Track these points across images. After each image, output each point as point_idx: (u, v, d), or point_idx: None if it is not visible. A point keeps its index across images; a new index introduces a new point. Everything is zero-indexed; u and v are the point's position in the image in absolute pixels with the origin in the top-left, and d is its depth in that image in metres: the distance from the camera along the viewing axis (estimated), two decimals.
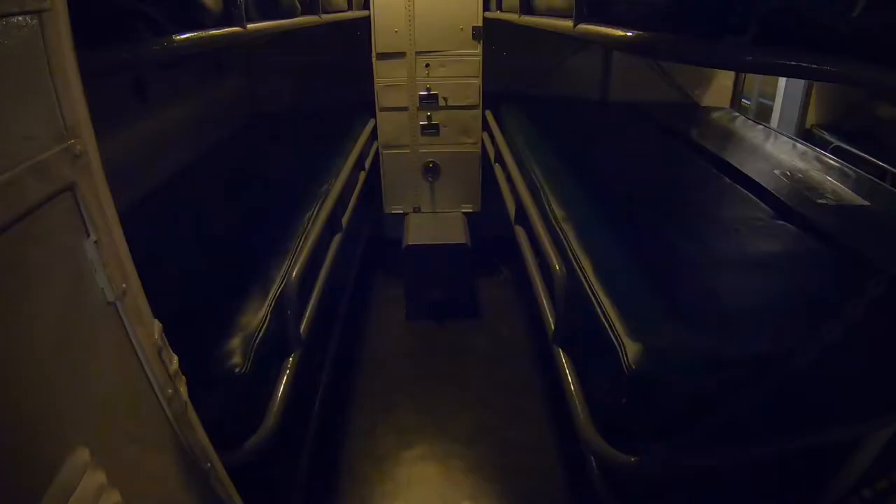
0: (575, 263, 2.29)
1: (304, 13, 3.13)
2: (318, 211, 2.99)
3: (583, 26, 1.87)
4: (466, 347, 4.50)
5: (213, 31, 1.82)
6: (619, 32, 1.53)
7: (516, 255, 3.30)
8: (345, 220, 3.44)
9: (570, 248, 2.41)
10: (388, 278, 5.32)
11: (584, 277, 2.17)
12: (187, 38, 1.60)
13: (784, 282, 2.24)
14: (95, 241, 1.06)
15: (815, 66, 1.40)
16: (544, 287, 2.60)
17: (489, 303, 5.03)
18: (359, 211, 4.05)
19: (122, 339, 1.17)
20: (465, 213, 5.25)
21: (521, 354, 4.34)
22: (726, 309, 2.02)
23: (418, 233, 4.85)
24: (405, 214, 5.27)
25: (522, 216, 3.09)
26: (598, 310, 1.98)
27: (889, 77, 1.44)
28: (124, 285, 1.14)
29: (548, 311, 2.49)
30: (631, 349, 1.76)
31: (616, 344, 1.81)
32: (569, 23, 1.98)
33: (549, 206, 2.84)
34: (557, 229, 2.61)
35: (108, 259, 1.10)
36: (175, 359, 1.35)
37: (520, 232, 3.16)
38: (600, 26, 1.72)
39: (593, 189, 3.03)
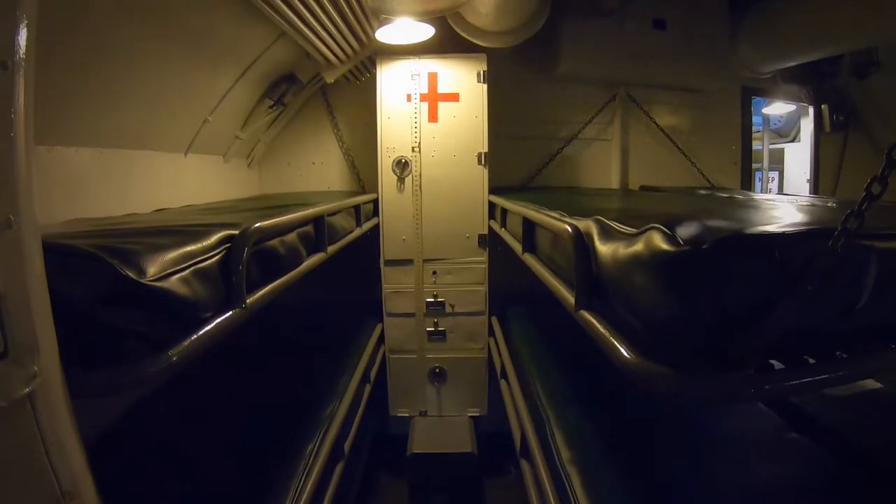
0: None
1: (309, 254, 2.91)
2: (321, 441, 2.92)
3: (585, 314, 1.82)
4: None
5: (209, 328, 1.69)
6: (623, 352, 1.49)
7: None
8: (347, 445, 3.37)
9: (574, 500, 2.35)
10: (392, 478, 5.07)
11: None
12: (181, 348, 1.51)
13: None
14: None
15: (820, 377, 1.45)
16: None
17: None
18: (363, 419, 3.98)
19: None
20: (471, 417, 5.16)
21: None
22: None
23: (423, 439, 4.76)
24: (411, 417, 5.20)
25: (526, 451, 3.04)
26: None
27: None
28: None
29: None
30: None
31: None
32: (571, 299, 1.95)
33: (554, 442, 2.80)
34: (562, 473, 2.55)
35: None
36: None
37: (525, 468, 3.09)
38: (603, 325, 1.68)
39: (598, 413, 3.01)
